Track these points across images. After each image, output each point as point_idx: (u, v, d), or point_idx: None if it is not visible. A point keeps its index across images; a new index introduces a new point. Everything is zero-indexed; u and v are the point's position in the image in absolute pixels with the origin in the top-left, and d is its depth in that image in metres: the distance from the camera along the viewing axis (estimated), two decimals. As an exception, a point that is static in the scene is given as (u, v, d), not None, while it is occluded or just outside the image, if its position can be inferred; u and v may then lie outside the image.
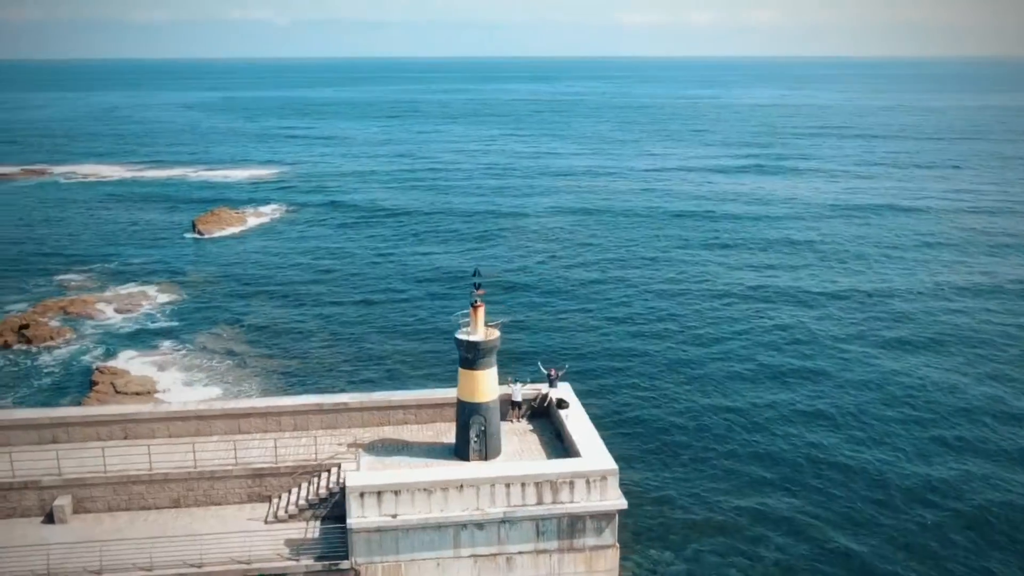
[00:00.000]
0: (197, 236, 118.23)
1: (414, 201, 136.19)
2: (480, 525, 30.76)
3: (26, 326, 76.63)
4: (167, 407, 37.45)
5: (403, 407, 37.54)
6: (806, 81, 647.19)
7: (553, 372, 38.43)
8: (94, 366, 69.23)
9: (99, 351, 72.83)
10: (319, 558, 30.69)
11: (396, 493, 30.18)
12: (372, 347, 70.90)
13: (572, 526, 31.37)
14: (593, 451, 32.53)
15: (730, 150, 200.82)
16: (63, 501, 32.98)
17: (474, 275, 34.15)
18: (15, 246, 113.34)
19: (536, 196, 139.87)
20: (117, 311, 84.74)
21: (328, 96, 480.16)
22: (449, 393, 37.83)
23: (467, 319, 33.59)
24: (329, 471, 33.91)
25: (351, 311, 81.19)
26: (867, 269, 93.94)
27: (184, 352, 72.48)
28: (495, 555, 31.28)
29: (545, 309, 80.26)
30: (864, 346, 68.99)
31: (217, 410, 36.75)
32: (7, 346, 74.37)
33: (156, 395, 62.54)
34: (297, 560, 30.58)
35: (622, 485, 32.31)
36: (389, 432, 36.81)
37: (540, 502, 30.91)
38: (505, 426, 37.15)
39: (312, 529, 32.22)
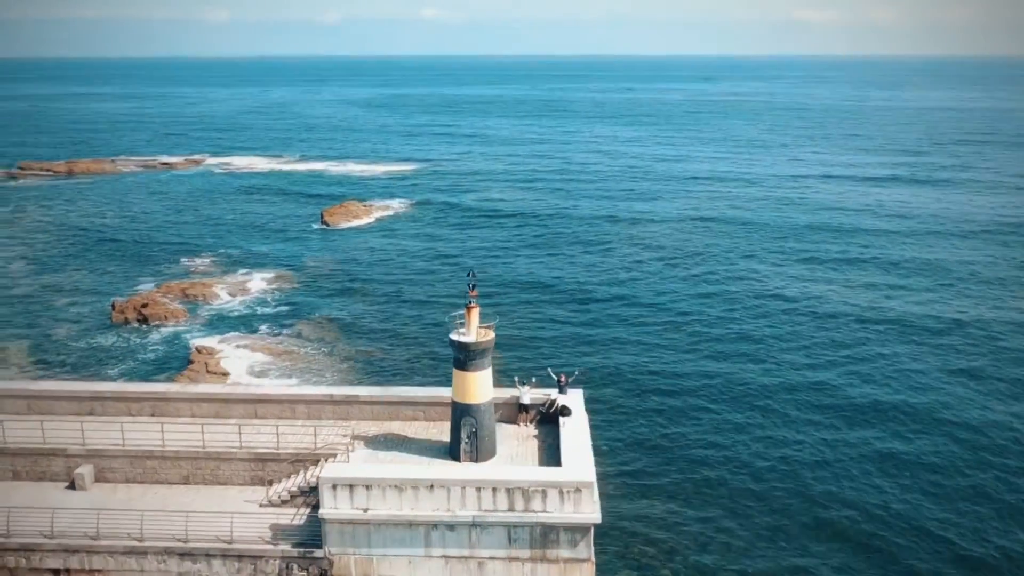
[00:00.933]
0: (324, 227, 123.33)
1: (539, 203, 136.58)
2: (451, 527, 30.66)
3: (145, 305, 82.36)
4: (192, 388, 39.41)
5: (413, 403, 37.89)
6: (982, 82, 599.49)
7: (563, 378, 37.75)
8: (193, 346, 73.73)
9: (204, 332, 77.33)
10: (297, 544, 31.50)
11: (367, 487, 30.54)
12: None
13: (545, 536, 30.71)
14: (574, 461, 31.71)
15: (882, 157, 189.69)
16: (84, 470, 35.41)
17: (468, 276, 34.07)
18: (159, 230, 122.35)
19: (664, 202, 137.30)
20: (231, 295, 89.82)
21: (493, 93, 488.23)
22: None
23: (462, 320, 33.53)
24: (324, 460, 34.69)
25: (445, 312, 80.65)
26: (1012, 297, 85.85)
27: (280, 338, 75.84)
28: (467, 558, 31.08)
29: (642, 321, 78.71)
30: (983, 386, 62.40)
31: (237, 394, 38.37)
32: (126, 323, 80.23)
33: (240, 378, 65.90)
34: (275, 544, 31.50)
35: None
36: (396, 427, 37.25)
37: (511, 509, 30.44)
38: (510, 429, 36.84)
39: (300, 516, 33.09)
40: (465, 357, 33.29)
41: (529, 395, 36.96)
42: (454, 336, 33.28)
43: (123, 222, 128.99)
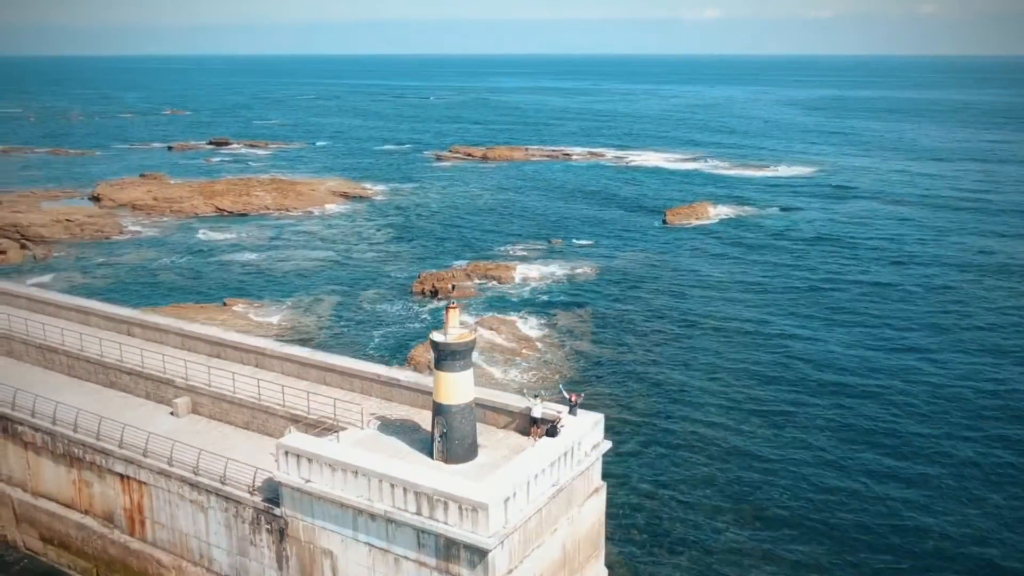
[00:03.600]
0: (662, 226, 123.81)
1: (920, 228, 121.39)
2: (372, 516, 31.24)
3: (442, 279, 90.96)
4: (282, 348, 44.16)
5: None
6: None
7: (574, 397, 35.48)
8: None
9: (473, 309, 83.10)
10: (266, 500, 34.51)
11: (309, 460, 32.37)
12: (714, 379, 66.91)
13: (448, 549, 29.85)
14: (492, 481, 30.15)
15: None
16: (181, 400, 42.17)
17: (451, 277, 33.86)
18: (514, 212, 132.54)
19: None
20: (525, 279, 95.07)
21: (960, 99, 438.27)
22: (491, 395, 37.81)
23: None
24: (336, 432, 37.06)
25: (721, 336, 76.35)
26: None
27: (533, 326, 79.04)
28: (385, 551, 31.43)
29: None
30: None
31: (314, 361, 42.33)
32: (423, 294, 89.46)
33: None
34: (253, 495, 34.85)
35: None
36: (421, 416, 38.09)
37: (419, 512, 30.09)
38: (510, 439, 35.87)
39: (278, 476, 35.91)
40: (438, 356, 33.26)
41: (540, 409, 35.40)
42: (432, 335, 33.43)
43: (489, 202, 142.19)
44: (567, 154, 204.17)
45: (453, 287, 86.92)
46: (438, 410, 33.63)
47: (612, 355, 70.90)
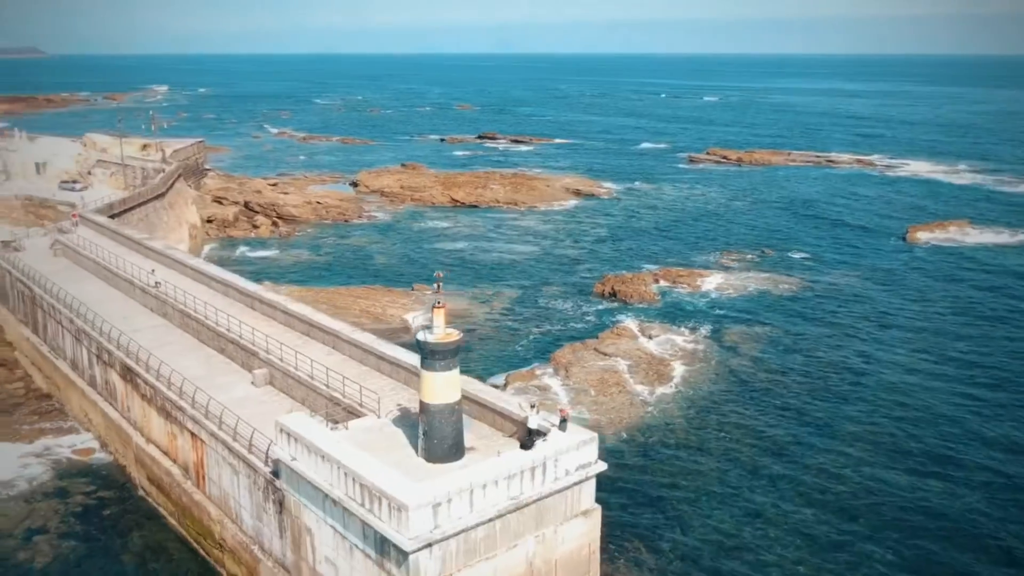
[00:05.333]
0: (902, 243, 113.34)
1: None
2: (334, 502, 32.39)
3: (624, 283, 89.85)
4: (352, 334, 46.29)
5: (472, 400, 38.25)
6: None
7: (563, 412, 34.12)
8: (614, 323, 78.95)
9: (645, 315, 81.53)
10: (273, 472, 36.85)
11: (296, 440, 34.16)
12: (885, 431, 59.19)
13: (382, 545, 30.23)
14: (428, 484, 29.95)
15: None
16: (260, 371, 45.98)
17: (435, 277, 34.03)
18: (741, 219, 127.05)
19: None
20: (712, 288, 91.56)
21: None
22: (503, 400, 37.54)
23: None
24: (359, 416, 38.63)
25: (917, 393, 64.58)
26: None
27: (697, 336, 75.85)
28: (343, 537, 32.45)
29: None
30: None
31: (372, 348, 44.18)
32: (602, 295, 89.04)
33: (614, 363, 69.27)
34: (265, 465, 37.39)
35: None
36: (442, 412, 38.44)
37: (362, 504, 30.75)
38: (512, 446, 35.28)
39: (308, 454, 38.00)
40: (421, 355, 33.58)
41: (537, 420, 34.44)
42: (418, 334, 33.83)
43: (719, 207, 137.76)
44: (831, 160, 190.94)
45: (615, 292, 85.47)
46: (421, 408, 33.88)
47: (761, 383, 65.62)
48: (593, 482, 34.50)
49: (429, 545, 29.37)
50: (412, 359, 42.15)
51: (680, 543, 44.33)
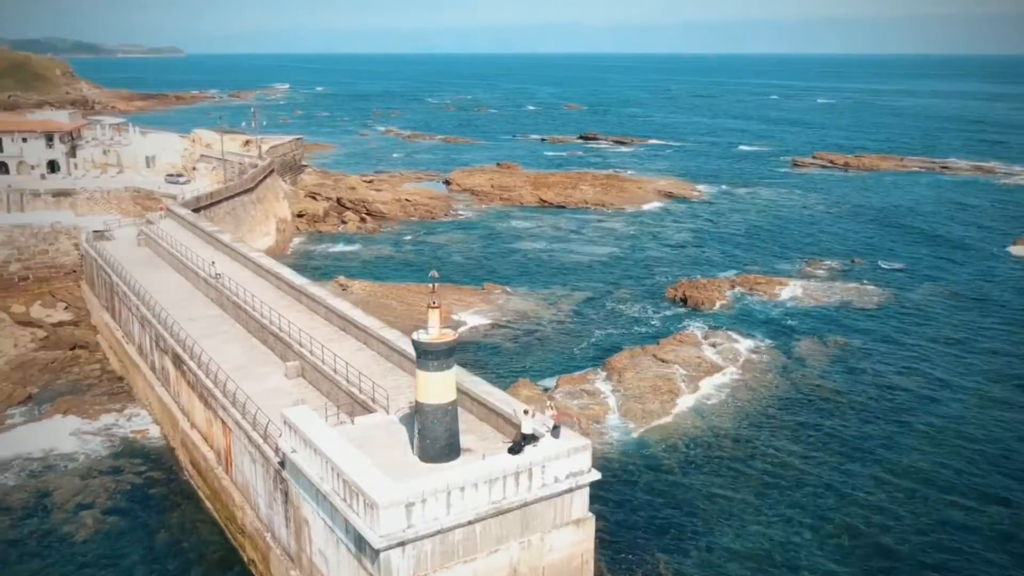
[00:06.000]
0: (1005, 254, 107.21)
1: None
2: (324, 495, 32.94)
3: (695, 288, 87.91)
4: (380, 331, 46.84)
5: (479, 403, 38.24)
6: None
7: (556, 417, 33.62)
8: (679, 330, 77.38)
9: (714, 322, 79.57)
10: (281, 463, 37.76)
11: (294, 432, 34.94)
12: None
13: (359, 541, 30.56)
14: (405, 484, 30.05)
15: None
16: (293, 364, 47.22)
17: (431, 276, 34.08)
18: (832, 225, 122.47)
19: None
20: (788, 298, 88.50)
21: None
22: (510, 405, 37.38)
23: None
24: (372, 412, 39.22)
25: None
26: None
27: (763, 346, 73.62)
28: (332, 530, 32.97)
29: None
30: None
31: (396, 346, 44.66)
32: (673, 300, 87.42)
33: (667, 368, 68.00)
34: (277, 454, 38.35)
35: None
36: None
37: (345, 499, 31.15)
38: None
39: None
40: (416, 354, 33.77)
41: (531, 424, 34.12)
42: (414, 333, 34.04)
43: (813, 213, 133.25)
44: (946, 167, 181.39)
45: (685, 298, 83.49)
46: (416, 408, 34.06)
47: (821, 401, 62.59)
48: (586, 491, 33.84)
49: (402, 544, 29.47)
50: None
51: (694, 563, 43.02)
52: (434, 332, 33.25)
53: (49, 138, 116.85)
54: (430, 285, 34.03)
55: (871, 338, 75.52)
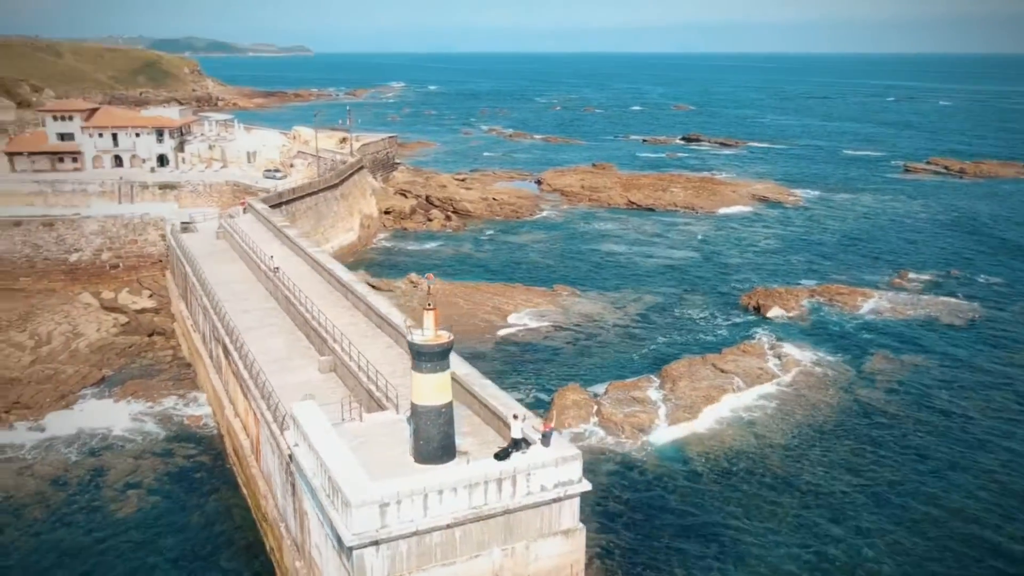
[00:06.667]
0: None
1: None
2: (315, 492, 33.54)
3: (769, 296, 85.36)
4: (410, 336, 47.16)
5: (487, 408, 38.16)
6: None
7: (545, 426, 33.15)
8: (745, 338, 75.24)
9: (785, 333, 77.00)
10: (291, 456, 38.66)
11: (297, 426, 35.74)
12: None
13: (340, 541, 30.97)
14: (381, 484, 30.26)
15: None
16: (326, 359, 48.29)
17: (426, 277, 34.00)
18: (937, 237, 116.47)
19: None
20: (868, 311, 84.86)
21: None
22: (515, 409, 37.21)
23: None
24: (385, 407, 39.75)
25: None
26: None
27: (833, 361, 70.90)
28: (322, 525, 33.55)
29: None
30: None
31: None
32: (746, 307, 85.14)
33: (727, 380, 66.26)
34: (288, 447, 39.32)
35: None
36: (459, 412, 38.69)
37: (329, 496, 31.64)
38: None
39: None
40: (411, 355, 33.99)
41: (519, 430, 33.86)
42: (409, 334, 34.26)
43: (915, 221, 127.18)
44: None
45: (759, 306, 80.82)
46: (411, 409, 34.26)
47: (883, 422, 59.46)
48: (576, 501, 33.30)
49: (376, 543, 29.72)
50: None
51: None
52: (429, 334, 33.31)
53: (160, 133, 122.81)
54: (488, 284, 34.03)
55: (951, 359, 71.24)
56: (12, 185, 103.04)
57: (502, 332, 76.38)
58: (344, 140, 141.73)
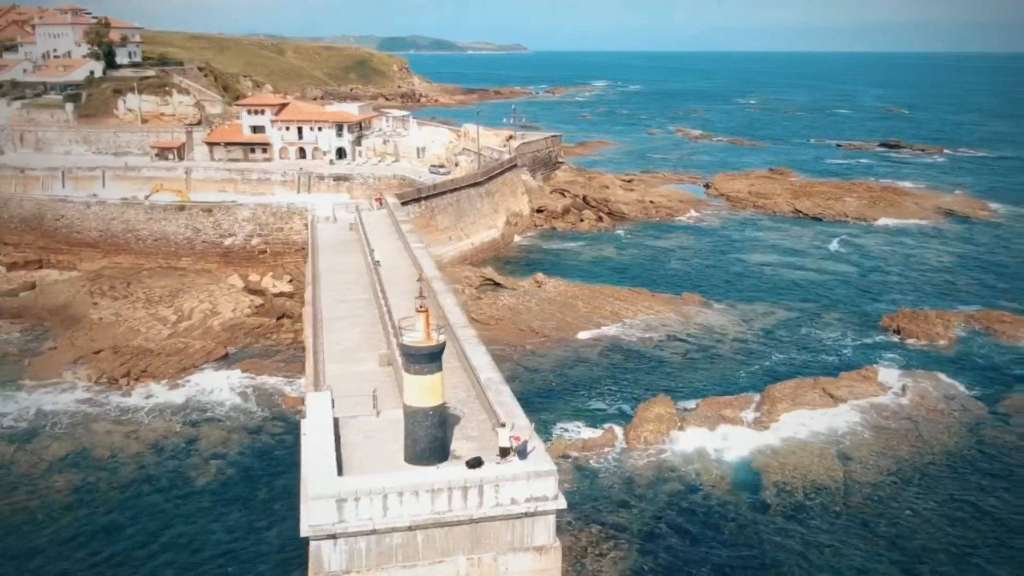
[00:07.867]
0: None
1: None
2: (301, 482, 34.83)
3: (916, 319, 78.90)
4: (459, 331, 47.52)
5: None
6: None
7: (517, 439, 32.53)
8: (872, 363, 70.05)
9: (918, 362, 71.14)
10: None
11: (303, 419, 37.24)
12: None
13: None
14: (341, 480, 30.93)
15: None
16: (382, 354, 49.75)
17: (418, 280, 34.10)
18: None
19: None
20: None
21: None
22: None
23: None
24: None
25: None
26: None
27: (963, 397, 64.73)
28: (310, 514, 34.78)
29: None
30: None
31: (461, 347, 45.39)
32: (892, 330, 78.75)
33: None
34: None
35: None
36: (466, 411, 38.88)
37: (305, 487, 32.79)
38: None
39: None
40: (401, 356, 34.49)
41: (506, 438, 33.50)
42: (401, 336, 34.72)
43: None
44: None
45: (899, 329, 74.27)
46: (403, 408, 34.75)
47: (1001, 473, 53.47)
48: (551, 518, 32.39)
49: (333, 537, 30.39)
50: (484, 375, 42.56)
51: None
52: (419, 335, 33.54)
53: (339, 128, 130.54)
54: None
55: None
56: (209, 172, 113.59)
57: (612, 337, 75.16)
58: (511, 138, 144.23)
